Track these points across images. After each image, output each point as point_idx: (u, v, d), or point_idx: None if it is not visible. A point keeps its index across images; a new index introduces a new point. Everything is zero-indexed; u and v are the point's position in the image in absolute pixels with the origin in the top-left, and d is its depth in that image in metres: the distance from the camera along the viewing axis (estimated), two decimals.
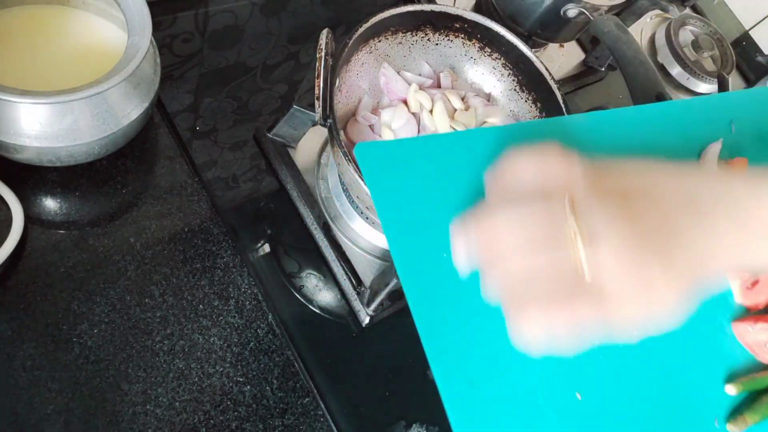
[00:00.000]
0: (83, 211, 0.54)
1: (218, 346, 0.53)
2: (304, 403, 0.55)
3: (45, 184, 0.54)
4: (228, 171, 0.62)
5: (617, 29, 0.70)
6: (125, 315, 0.52)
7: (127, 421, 0.48)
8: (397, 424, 0.58)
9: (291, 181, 0.63)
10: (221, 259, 0.57)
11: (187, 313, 0.53)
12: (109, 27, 0.55)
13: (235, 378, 0.53)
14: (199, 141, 0.62)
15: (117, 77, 0.46)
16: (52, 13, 0.54)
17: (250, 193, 0.62)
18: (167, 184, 0.58)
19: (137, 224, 0.55)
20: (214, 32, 0.68)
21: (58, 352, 0.48)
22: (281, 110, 0.66)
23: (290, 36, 0.73)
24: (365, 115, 0.62)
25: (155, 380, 0.50)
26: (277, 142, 0.64)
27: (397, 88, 0.64)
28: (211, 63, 0.67)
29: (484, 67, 0.67)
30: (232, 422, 0.51)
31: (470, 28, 0.64)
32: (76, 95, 0.45)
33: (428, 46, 0.65)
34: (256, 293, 0.57)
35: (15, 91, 0.43)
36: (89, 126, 0.48)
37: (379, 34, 0.61)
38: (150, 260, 0.54)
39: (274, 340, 0.56)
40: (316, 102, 0.50)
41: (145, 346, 0.51)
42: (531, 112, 0.66)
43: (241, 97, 0.66)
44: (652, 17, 1.04)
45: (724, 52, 1.03)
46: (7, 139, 0.47)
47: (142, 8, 0.49)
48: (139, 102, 0.51)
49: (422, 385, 0.61)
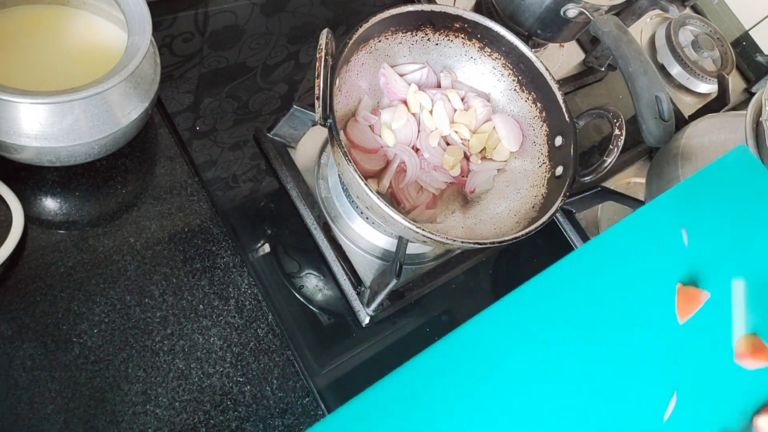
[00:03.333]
0: (83, 211, 0.54)
1: (218, 346, 0.53)
2: (304, 403, 0.55)
3: (45, 184, 0.54)
4: (228, 171, 0.62)
5: (617, 29, 0.70)
6: (125, 315, 0.52)
7: (127, 421, 0.48)
8: None
9: (291, 181, 0.63)
10: (221, 259, 0.57)
11: (187, 313, 0.53)
12: (109, 27, 0.55)
13: (235, 378, 0.53)
14: (199, 141, 0.62)
15: (117, 77, 0.46)
16: (52, 13, 0.54)
17: (250, 193, 0.62)
18: (167, 184, 0.58)
19: (137, 224, 0.55)
20: (214, 32, 0.68)
21: (58, 352, 0.49)
22: (281, 110, 0.66)
23: (290, 36, 0.73)
24: (365, 115, 0.62)
25: (155, 380, 0.50)
26: (277, 142, 0.64)
27: (396, 88, 0.64)
28: (211, 63, 0.67)
29: (484, 67, 0.67)
30: (232, 422, 0.51)
31: (470, 28, 0.64)
32: (76, 95, 0.45)
33: (428, 46, 0.65)
34: (256, 293, 0.57)
35: (15, 91, 0.43)
36: (89, 126, 0.48)
37: (379, 34, 0.61)
38: (150, 260, 0.54)
39: (274, 340, 0.56)
40: (316, 102, 0.50)
41: (145, 346, 0.51)
42: (531, 112, 0.66)
43: (241, 97, 0.66)
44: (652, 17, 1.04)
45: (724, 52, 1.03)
46: (7, 139, 0.47)
47: (142, 8, 0.49)
48: (139, 102, 0.51)
49: None
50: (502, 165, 0.66)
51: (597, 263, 0.49)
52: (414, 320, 0.64)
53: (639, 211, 0.52)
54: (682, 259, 0.51)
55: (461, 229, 0.63)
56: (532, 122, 0.66)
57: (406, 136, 0.63)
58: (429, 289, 0.65)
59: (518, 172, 0.65)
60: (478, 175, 0.65)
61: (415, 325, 0.64)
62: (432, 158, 0.63)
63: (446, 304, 0.66)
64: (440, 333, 0.64)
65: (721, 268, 0.52)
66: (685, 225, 0.53)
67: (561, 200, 0.57)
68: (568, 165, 0.60)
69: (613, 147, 0.59)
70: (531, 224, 0.56)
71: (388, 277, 0.57)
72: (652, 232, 0.51)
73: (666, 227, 0.52)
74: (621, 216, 0.84)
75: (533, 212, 0.61)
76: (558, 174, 0.61)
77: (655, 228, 0.52)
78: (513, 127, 0.66)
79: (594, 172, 0.60)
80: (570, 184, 0.58)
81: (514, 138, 0.66)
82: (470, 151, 0.65)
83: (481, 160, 0.66)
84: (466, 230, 0.62)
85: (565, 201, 0.57)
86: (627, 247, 0.50)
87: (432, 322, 0.65)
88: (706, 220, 0.54)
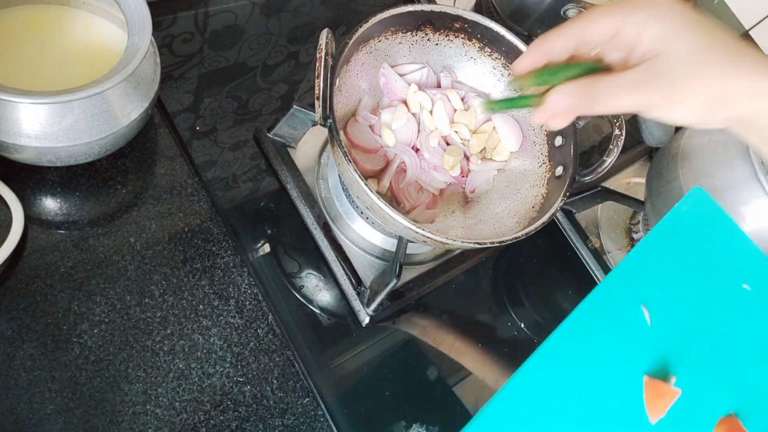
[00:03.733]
0: (83, 211, 0.54)
1: (218, 346, 0.53)
2: (304, 403, 0.55)
3: (45, 184, 0.54)
4: (228, 171, 0.62)
5: None
6: (125, 315, 0.52)
7: (127, 421, 0.48)
8: (397, 424, 0.58)
9: (291, 181, 0.63)
10: (221, 259, 0.57)
11: (187, 313, 0.53)
12: (109, 27, 0.55)
13: (235, 378, 0.53)
14: (199, 141, 0.62)
15: (117, 77, 0.46)
16: (52, 13, 0.54)
17: (250, 193, 0.62)
18: (167, 184, 0.58)
19: (137, 224, 0.55)
20: (214, 32, 0.68)
21: (58, 352, 0.49)
22: (281, 110, 0.67)
23: (290, 36, 0.73)
24: (365, 115, 0.62)
25: (155, 380, 0.50)
26: (277, 142, 0.64)
27: (396, 88, 0.64)
28: (211, 63, 0.67)
29: (484, 67, 0.67)
30: (232, 422, 0.51)
31: (470, 28, 0.64)
32: (76, 95, 0.45)
33: (428, 46, 0.65)
34: (256, 293, 0.57)
35: (15, 91, 0.43)
36: (89, 126, 0.48)
37: (379, 34, 0.61)
38: (150, 260, 0.54)
39: (274, 340, 0.56)
40: (316, 102, 0.50)
41: (145, 346, 0.51)
42: (531, 112, 0.66)
43: (241, 97, 0.66)
44: None
45: None
46: (7, 139, 0.47)
47: (142, 8, 0.49)
48: (138, 102, 0.51)
49: (422, 385, 0.61)
50: (502, 165, 0.66)
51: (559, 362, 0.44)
52: (414, 320, 0.64)
53: (594, 293, 0.46)
54: (646, 343, 0.46)
55: (461, 229, 0.63)
56: (532, 122, 0.66)
57: (406, 136, 0.63)
58: (429, 289, 0.65)
59: (518, 172, 0.65)
60: (478, 175, 0.65)
61: (415, 325, 0.64)
62: (432, 158, 0.63)
63: (446, 304, 0.66)
64: (440, 333, 0.64)
65: (690, 345, 0.46)
66: (644, 301, 0.47)
67: (561, 200, 0.57)
68: (568, 165, 0.59)
69: (613, 147, 0.59)
70: (531, 224, 0.56)
71: (388, 277, 0.57)
72: (611, 317, 0.46)
73: (625, 308, 0.46)
74: (621, 215, 0.84)
75: (533, 212, 0.61)
76: (558, 174, 0.61)
77: (614, 311, 0.46)
78: (513, 127, 0.66)
79: (594, 172, 0.60)
80: (570, 184, 0.58)
81: (514, 138, 0.66)
82: (470, 151, 0.65)
83: (481, 160, 0.66)
84: (466, 230, 0.62)
85: (565, 201, 0.57)
86: (587, 340, 0.44)
87: (432, 322, 0.65)
88: (667, 290, 0.48)
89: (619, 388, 0.44)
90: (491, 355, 0.66)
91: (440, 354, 0.63)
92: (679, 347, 0.46)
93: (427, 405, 0.60)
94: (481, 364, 0.65)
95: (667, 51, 0.39)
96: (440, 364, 0.63)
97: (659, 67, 0.39)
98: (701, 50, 0.38)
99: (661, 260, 0.49)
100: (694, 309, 0.48)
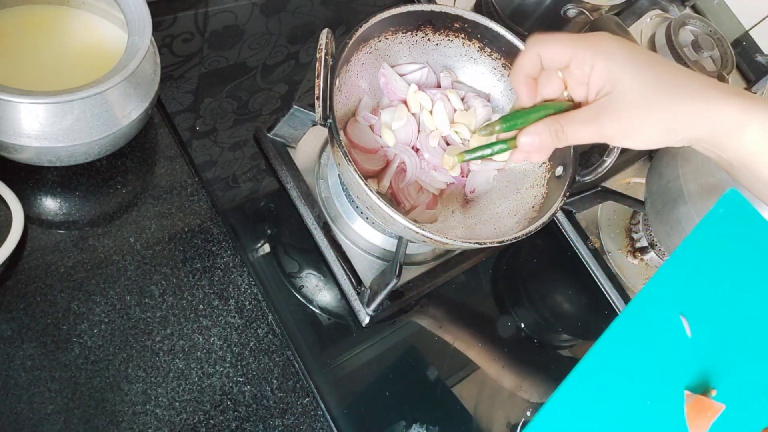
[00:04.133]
0: (83, 211, 0.54)
1: (218, 346, 0.53)
2: (304, 403, 0.55)
3: (45, 184, 0.54)
4: (228, 171, 0.62)
5: (617, 29, 0.70)
6: (125, 315, 0.52)
7: (127, 421, 0.48)
8: (396, 424, 0.58)
9: (291, 181, 0.63)
10: (221, 259, 0.57)
11: (187, 313, 0.53)
12: (109, 27, 0.55)
13: (235, 378, 0.53)
14: (199, 141, 0.62)
15: (117, 77, 0.46)
16: (52, 13, 0.54)
17: (250, 193, 0.62)
18: (167, 184, 0.58)
19: (137, 224, 0.55)
20: (214, 32, 0.68)
21: (58, 352, 0.49)
22: (281, 110, 0.66)
23: (290, 36, 0.73)
24: (365, 115, 0.62)
25: (155, 380, 0.50)
26: (277, 142, 0.64)
27: (396, 88, 0.64)
28: (211, 63, 0.67)
29: (484, 67, 0.67)
30: (232, 422, 0.51)
31: (470, 28, 0.64)
32: (76, 95, 0.45)
33: (428, 46, 0.65)
34: (256, 293, 0.57)
35: (15, 91, 0.43)
36: (89, 126, 0.48)
37: (379, 34, 0.61)
38: (150, 260, 0.54)
39: (274, 340, 0.56)
40: (316, 102, 0.50)
41: (145, 346, 0.51)
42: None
43: (241, 97, 0.66)
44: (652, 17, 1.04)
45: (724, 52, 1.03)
46: (7, 139, 0.47)
47: (142, 8, 0.49)
48: (138, 102, 0.51)
49: (422, 385, 0.61)
50: (502, 165, 0.66)
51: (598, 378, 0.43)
52: (414, 320, 0.64)
53: (632, 304, 0.45)
54: (686, 355, 0.44)
55: (461, 229, 0.63)
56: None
57: (406, 136, 0.63)
58: (429, 289, 0.65)
59: (518, 172, 0.65)
60: (478, 175, 0.65)
61: (415, 325, 0.64)
62: (432, 158, 0.63)
63: (446, 304, 0.66)
64: (440, 332, 0.64)
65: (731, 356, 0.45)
66: (684, 311, 0.45)
67: (561, 200, 0.57)
68: (568, 165, 0.59)
69: (613, 147, 0.59)
70: (531, 224, 0.56)
71: (388, 277, 0.57)
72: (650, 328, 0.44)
73: (664, 319, 0.45)
74: (621, 215, 0.84)
75: (533, 212, 0.61)
76: (558, 174, 0.61)
77: (653, 322, 0.45)
78: None
79: (594, 172, 0.60)
80: (570, 184, 0.58)
81: None
82: None
83: (481, 160, 0.66)
84: (466, 230, 0.62)
85: (565, 201, 0.57)
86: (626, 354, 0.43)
87: (432, 322, 0.65)
88: (706, 299, 0.46)
89: (659, 404, 0.43)
90: (491, 354, 0.66)
91: (440, 354, 0.63)
92: (720, 358, 0.45)
93: (427, 405, 0.60)
94: (481, 363, 0.65)
95: (617, 88, 0.42)
96: (440, 364, 0.63)
97: (612, 103, 0.42)
98: (648, 85, 0.41)
99: (699, 267, 0.47)
100: (735, 318, 0.46)
